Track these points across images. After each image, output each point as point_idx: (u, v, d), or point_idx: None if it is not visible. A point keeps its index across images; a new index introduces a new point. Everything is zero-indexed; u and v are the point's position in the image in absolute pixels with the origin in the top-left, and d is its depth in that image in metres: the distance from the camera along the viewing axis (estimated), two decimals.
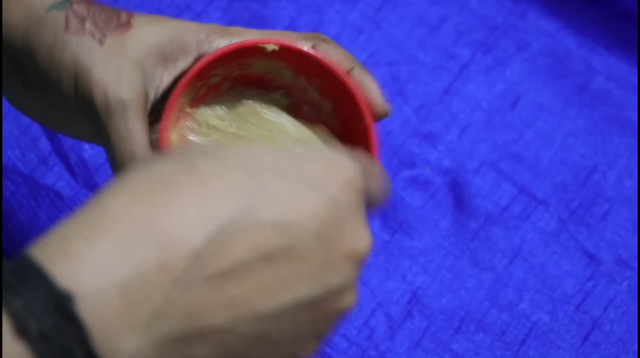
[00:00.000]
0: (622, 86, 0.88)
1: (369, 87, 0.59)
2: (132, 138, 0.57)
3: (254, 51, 0.59)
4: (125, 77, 0.57)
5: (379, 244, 0.82)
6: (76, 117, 0.62)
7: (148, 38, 0.58)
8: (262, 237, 0.44)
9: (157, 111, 0.60)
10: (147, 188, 0.43)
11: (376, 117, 0.60)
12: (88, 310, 0.41)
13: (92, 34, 0.58)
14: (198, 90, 0.61)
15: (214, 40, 0.59)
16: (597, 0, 0.90)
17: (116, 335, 0.42)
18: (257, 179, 0.44)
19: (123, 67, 0.57)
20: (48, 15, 0.58)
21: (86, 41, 0.58)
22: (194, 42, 0.59)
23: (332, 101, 0.62)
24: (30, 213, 0.82)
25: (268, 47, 0.59)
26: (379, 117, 0.60)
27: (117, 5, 0.61)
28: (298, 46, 0.59)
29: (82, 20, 0.58)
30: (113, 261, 0.42)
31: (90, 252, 0.42)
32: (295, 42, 0.60)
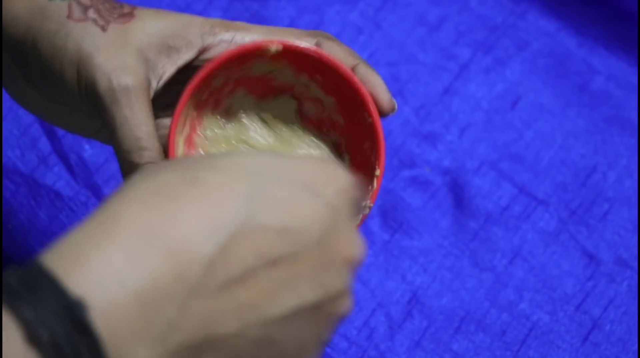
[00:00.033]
0: (622, 86, 0.88)
1: (374, 83, 0.59)
2: (138, 121, 0.57)
3: (257, 53, 0.59)
4: (128, 63, 0.57)
5: (379, 244, 0.82)
6: (78, 112, 0.62)
7: (151, 28, 0.58)
8: (267, 243, 0.44)
9: (159, 102, 0.60)
10: (155, 197, 0.43)
11: (382, 114, 0.60)
12: (101, 320, 0.41)
13: (94, 21, 0.58)
14: (202, 94, 0.61)
15: (218, 33, 0.59)
16: (597, 0, 0.90)
17: (129, 346, 0.41)
18: (257, 184, 0.44)
19: (126, 53, 0.57)
20: (51, 5, 0.58)
21: (89, 28, 0.58)
22: (198, 35, 0.59)
23: (336, 98, 0.62)
24: (30, 213, 0.82)
25: (272, 48, 0.59)
26: (386, 113, 0.60)
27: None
28: (301, 45, 0.59)
29: (84, 8, 0.58)
30: (126, 271, 0.41)
31: (103, 261, 0.41)
32: (297, 41, 0.60)
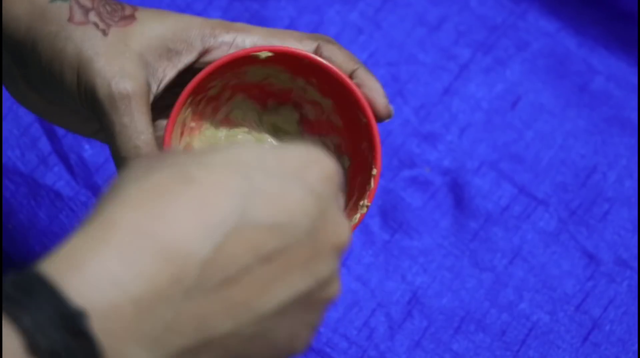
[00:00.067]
0: (622, 86, 0.88)
1: (371, 88, 0.59)
2: (136, 128, 0.57)
3: (248, 59, 0.59)
4: (128, 68, 0.57)
5: (379, 244, 0.82)
6: (77, 113, 0.62)
7: (152, 32, 0.58)
8: (260, 240, 0.44)
9: (159, 104, 0.60)
10: (146, 198, 0.43)
11: (379, 119, 0.60)
12: (98, 325, 0.41)
13: (95, 25, 0.58)
14: (198, 103, 0.61)
15: (219, 35, 0.59)
16: (597, 0, 0.90)
17: (127, 351, 0.41)
18: (246, 178, 0.44)
19: (126, 58, 0.57)
20: (51, 7, 0.58)
21: (90, 32, 0.58)
22: (199, 37, 0.59)
23: (332, 99, 0.62)
24: (30, 213, 0.82)
25: (261, 54, 0.59)
26: (382, 118, 0.60)
27: None
28: (291, 49, 0.59)
29: (86, 11, 0.58)
30: (122, 275, 0.41)
31: (99, 267, 0.41)
32: (289, 45, 0.60)
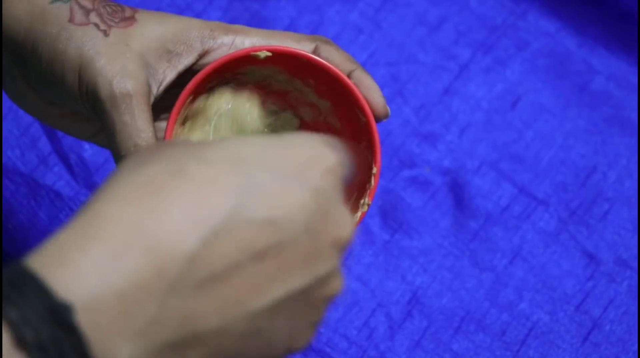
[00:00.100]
0: (622, 86, 0.88)
1: (369, 87, 0.60)
2: (137, 127, 0.57)
3: (247, 59, 0.59)
4: (129, 68, 0.57)
5: (379, 244, 0.82)
6: (77, 114, 0.62)
7: (152, 33, 0.58)
8: (252, 236, 0.44)
9: (159, 105, 0.60)
10: (138, 192, 0.43)
11: (376, 118, 0.60)
12: (85, 319, 0.41)
13: (96, 25, 0.58)
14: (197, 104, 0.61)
15: (218, 37, 0.59)
16: (597, 0, 0.90)
17: (113, 343, 0.42)
18: (245, 175, 0.44)
19: (127, 58, 0.57)
20: (52, 8, 0.58)
21: (91, 32, 0.58)
22: (198, 39, 0.59)
23: (330, 101, 0.62)
24: (30, 213, 0.82)
25: (261, 54, 0.59)
26: (379, 118, 0.60)
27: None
28: (290, 49, 0.59)
29: (86, 12, 0.58)
30: (108, 269, 0.42)
31: (86, 261, 0.42)
32: (289, 45, 0.60)
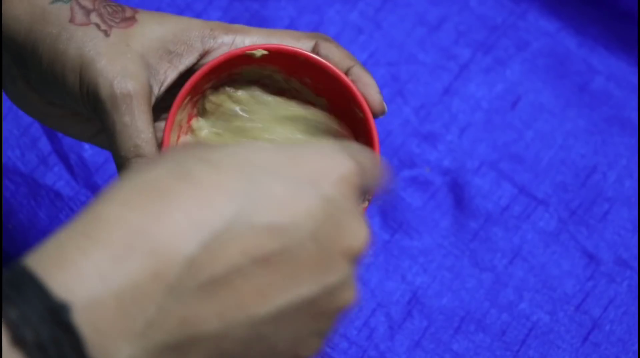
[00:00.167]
0: (622, 86, 0.88)
1: (366, 84, 0.60)
2: (137, 128, 0.57)
3: (243, 58, 0.59)
4: (130, 69, 0.57)
5: (379, 244, 0.82)
6: (77, 115, 0.62)
7: (152, 34, 0.59)
8: (256, 241, 0.43)
9: (159, 105, 0.60)
10: (141, 195, 0.43)
11: (373, 114, 0.60)
12: (83, 320, 0.41)
13: (97, 25, 0.58)
14: (194, 105, 0.61)
15: (218, 37, 0.60)
16: (597, 0, 0.90)
17: (111, 344, 0.42)
18: (251, 181, 0.44)
19: (128, 59, 0.57)
20: (52, 8, 0.58)
21: (91, 33, 0.58)
22: (199, 39, 0.59)
23: (327, 98, 0.62)
24: (30, 213, 0.82)
25: (257, 53, 0.59)
26: (376, 114, 0.60)
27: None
28: (285, 47, 0.59)
29: (87, 12, 0.58)
30: (107, 271, 0.41)
31: (85, 262, 0.41)
32: (289, 43, 0.60)
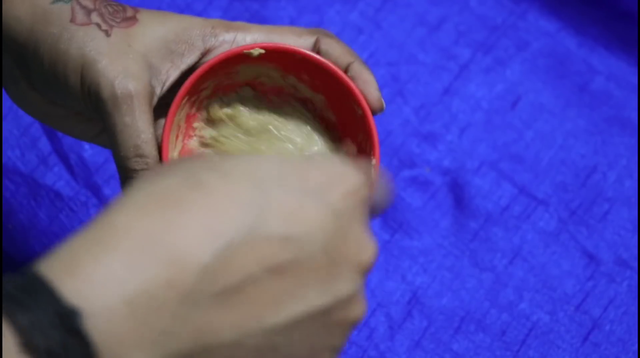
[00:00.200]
0: (622, 86, 0.88)
1: (365, 81, 0.59)
2: (137, 129, 0.57)
3: (241, 58, 0.59)
4: (132, 69, 0.57)
5: (379, 244, 0.82)
6: (79, 115, 0.62)
7: (154, 33, 0.59)
8: (270, 251, 0.43)
9: (160, 103, 0.60)
10: (154, 203, 0.43)
11: (371, 111, 0.60)
12: (95, 327, 0.41)
13: (98, 25, 0.58)
14: (192, 104, 0.61)
15: (220, 35, 0.60)
16: (597, 0, 0.90)
17: (123, 352, 0.41)
18: (262, 191, 0.44)
19: (130, 59, 0.57)
20: (53, 8, 0.58)
21: (93, 33, 0.58)
22: (200, 37, 0.59)
23: (325, 95, 0.62)
24: (30, 213, 0.82)
25: (254, 52, 0.59)
26: (374, 111, 0.60)
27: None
28: (283, 45, 0.59)
29: (88, 12, 0.58)
30: (120, 278, 0.41)
31: (98, 269, 0.41)
32: (289, 40, 0.60)
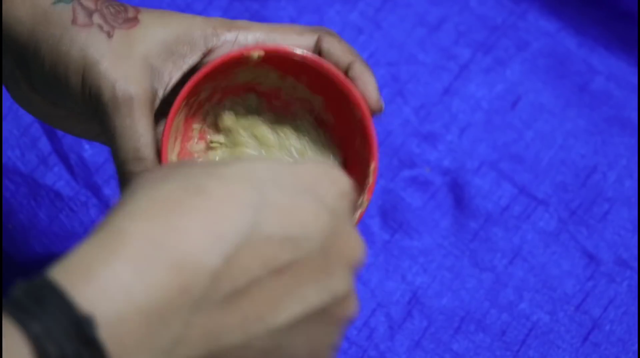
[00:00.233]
0: (622, 86, 0.88)
1: (365, 81, 0.59)
2: (137, 132, 0.57)
3: (240, 61, 0.59)
4: (133, 72, 0.57)
5: (379, 244, 0.82)
6: (80, 115, 0.62)
7: (155, 36, 0.58)
8: (272, 252, 0.44)
9: (166, 108, 0.60)
10: (157, 209, 0.43)
11: (370, 112, 0.60)
12: (109, 335, 0.41)
13: (100, 27, 0.58)
14: (191, 107, 0.61)
15: (221, 34, 0.59)
16: (597, 0, 0.90)
17: None
18: (259, 192, 0.44)
19: (131, 62, 0.57)
20: (54, 9, 0.58)
21: (94, 34, 0.58)
22: (201, 38, 0.59)
23: (323, 96, 0.62)
24: (30, 213, 0.82)
25: (254, 54, 0.59)
26: (373, 112, 0.60)
27: None
28: (282, 47, 0.59)
29: (89, 13, 0.58)
30: (132, 285, 0.41)
31: (111, 277, 0.41)
32: (290, 39, 0.60)
